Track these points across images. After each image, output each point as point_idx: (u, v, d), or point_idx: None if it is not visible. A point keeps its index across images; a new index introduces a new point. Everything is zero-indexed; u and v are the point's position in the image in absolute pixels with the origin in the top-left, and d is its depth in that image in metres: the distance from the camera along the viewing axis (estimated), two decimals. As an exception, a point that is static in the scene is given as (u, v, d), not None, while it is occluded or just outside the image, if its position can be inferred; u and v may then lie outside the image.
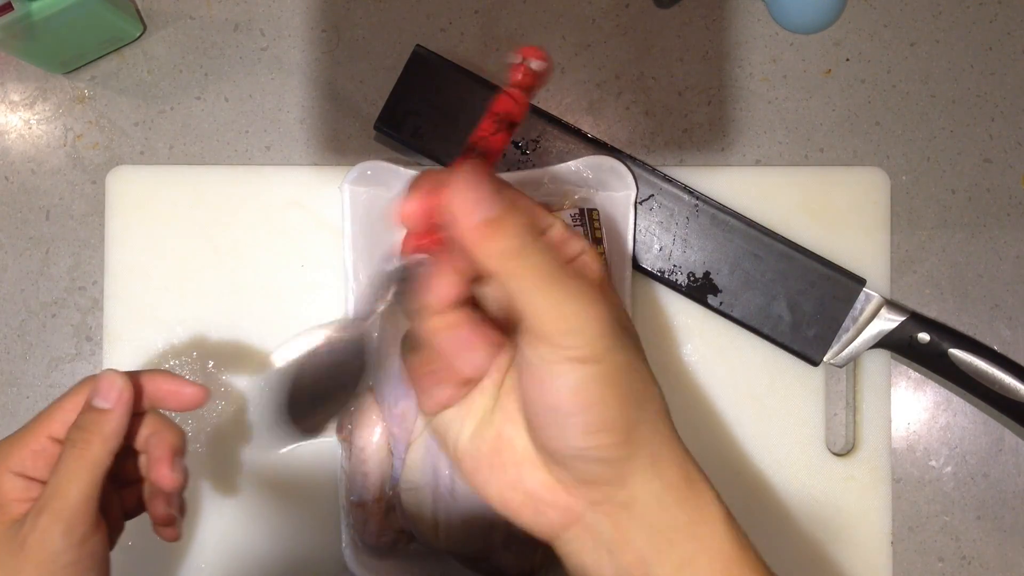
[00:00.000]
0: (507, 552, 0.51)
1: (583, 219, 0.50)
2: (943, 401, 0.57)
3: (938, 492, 0.57)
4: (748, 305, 0.54)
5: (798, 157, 0.58)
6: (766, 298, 0.54)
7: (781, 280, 0.54)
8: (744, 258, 0.54)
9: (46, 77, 0.60)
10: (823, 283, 0.54)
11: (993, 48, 0.58)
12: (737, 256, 0.54)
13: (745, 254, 0.54)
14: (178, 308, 0.57)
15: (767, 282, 0.54)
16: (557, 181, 0.54)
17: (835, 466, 0.55)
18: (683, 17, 0.58)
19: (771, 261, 0.54)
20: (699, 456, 0.55)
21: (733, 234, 0.54)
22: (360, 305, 0.36)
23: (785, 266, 0.54)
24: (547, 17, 0.59)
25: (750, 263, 0.54)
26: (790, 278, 0.54)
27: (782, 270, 0.54)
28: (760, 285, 0.54)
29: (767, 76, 0.58)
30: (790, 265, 0.54)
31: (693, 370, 0.56)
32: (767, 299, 0.54)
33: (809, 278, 0.54)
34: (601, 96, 0.58)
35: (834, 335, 0.54)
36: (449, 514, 0.51)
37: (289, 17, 0.59)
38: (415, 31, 0.59)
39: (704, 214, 0.54)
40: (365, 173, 0.54)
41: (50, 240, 0.59)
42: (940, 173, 0.57)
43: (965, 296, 0.57)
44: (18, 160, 0.60)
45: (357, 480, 0.53)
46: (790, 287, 0.54)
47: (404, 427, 0.52)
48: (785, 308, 0.54)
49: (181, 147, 0.59)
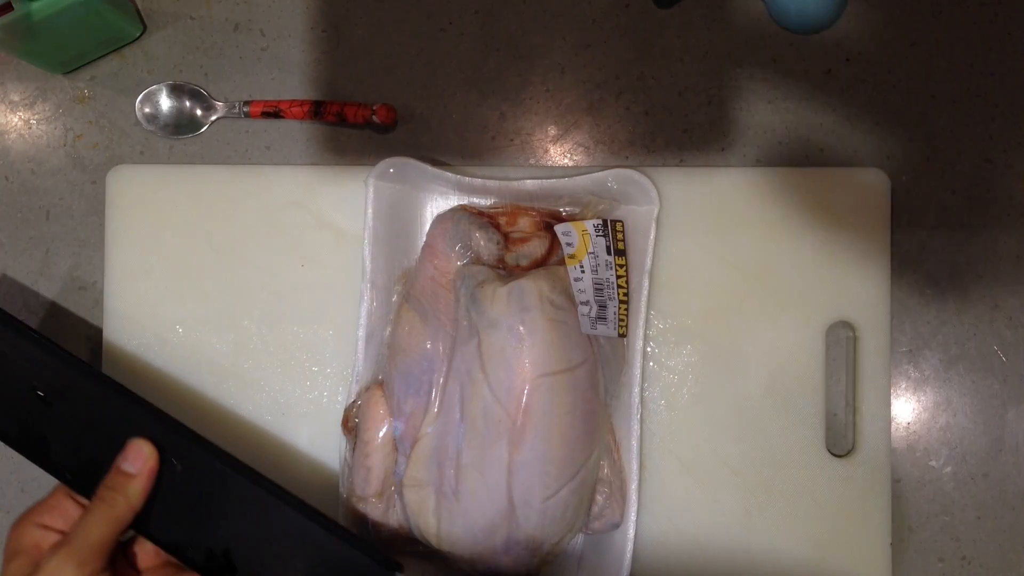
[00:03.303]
0: (506, 555, 0.51)
1: (606, 230, 0.50)
2: (943, 401, 0.57)
3: (938, 492, 0.57)
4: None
5: (798, 157, 0.58)
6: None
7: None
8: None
9: (46, 77, 0.60)
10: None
11: (993, 48, 0.58)
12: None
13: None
14: (178, 308, 0.57)
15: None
16: (580, 190, 0.54)
17: (835, 467, 0.55)
18: (683, 17, 0.58)
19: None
20: (699, 456, 0.56)
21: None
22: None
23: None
24: (547, 17, 0.59)
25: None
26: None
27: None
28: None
29: (767, 76, 0.58)
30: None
31: (694, 370, 0.56)
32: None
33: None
34: (601, 96, 0.58)
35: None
36: (451, 514, 0.51)
37: (289, 17, 0.59)
38: (415, 31, 0.59)
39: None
40: (387, 170, 0.54)
41: (50, 240, 0.59)
42: (940, 173, 0.57)
43: (965, 296, 0.57)
44: (18, 160, 0.60)
45: (360, 474, 0.53)
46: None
47: (411, 424, 0.52)
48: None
49: (181, 147, 0.59)
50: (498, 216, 0.55)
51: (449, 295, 0.53)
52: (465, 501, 0.50)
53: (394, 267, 0.55)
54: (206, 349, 0.57)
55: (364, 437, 0.53)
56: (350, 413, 0.54)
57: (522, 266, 0.53)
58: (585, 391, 0.51)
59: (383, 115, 0.56)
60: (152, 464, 0.46)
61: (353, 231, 0.56)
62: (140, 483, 0.46)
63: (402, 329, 0.53)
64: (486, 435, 0.50)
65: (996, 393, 0.57)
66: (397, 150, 0.58)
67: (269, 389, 0.57)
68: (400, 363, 0.53)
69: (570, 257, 0.51)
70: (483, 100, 0.59)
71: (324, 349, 0.57)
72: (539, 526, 0.50)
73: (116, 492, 0.45)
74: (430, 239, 0.55)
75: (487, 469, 0.50)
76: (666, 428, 0.56)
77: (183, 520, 0.46)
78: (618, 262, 0.51)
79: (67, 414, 0.48)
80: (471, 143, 0.59)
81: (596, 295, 0.51)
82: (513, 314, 0.50)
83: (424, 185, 0.56)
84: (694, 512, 0.55)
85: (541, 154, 0.59)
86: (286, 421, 0.57)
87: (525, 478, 0.49)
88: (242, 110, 0.58)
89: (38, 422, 0.49)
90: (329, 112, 0.57)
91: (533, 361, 0.49)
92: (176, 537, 0.47)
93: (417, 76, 0.59)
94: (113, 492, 0.45)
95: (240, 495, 0.46)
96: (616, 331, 0.52)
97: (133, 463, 0.46)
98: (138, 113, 0.59)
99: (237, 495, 0.46)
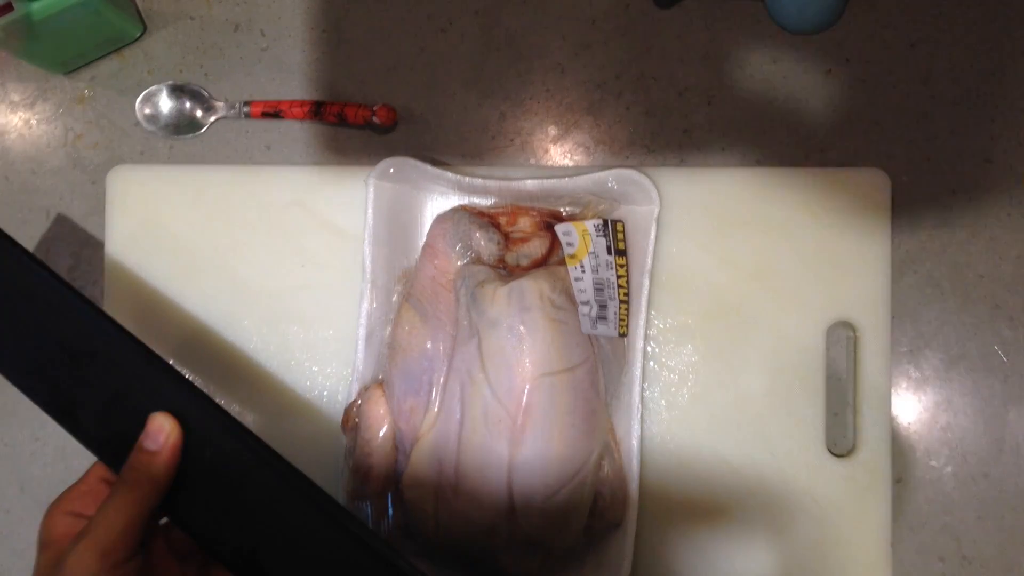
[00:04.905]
0: (507, 554, 0.51)
1: (607, 230, 0.50)
2: (943, 401, 0.57)
3: (939, 492, 0.57)
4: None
5: (799, 158, 0.58)
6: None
7: None
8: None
9: (46, 77, 0.60)
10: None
11: (994, 48, 0.58)
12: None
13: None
14: (178, 308, 0.57)
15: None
16: (581, 190, 0.54)
17: (835, 467, 0.55)
18: (683, 17, 0.58)
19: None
20: (699, 456, 0.56)
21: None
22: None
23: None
24: (547, 17, 0.59)
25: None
26: None
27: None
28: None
29: (767, 76, 0.58)
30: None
31: (694, 370, 0.56)
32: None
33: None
34: (601, 96, 0.58)
35: None
36: (451, 513, 0.51)
37: (289, 17, 0.59)
38: (415, 31, 0.59)
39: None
40: (388, 170, 0.54)
41: (50, 240, 0.59)
42: (941, 173, 0.57)
43: (966, 296, 0.57)
44: (18, 160, 0.60)
45: (360, 473, 0.53)
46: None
47: (412, 423, 0.52)
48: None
49: (181, 147, 0.59)
50: (498, 216, 0.55)
51: (449, 295, 0.53)
52: (465, 501, 0.50)
53: (394, 267, 0.55)
54: (206, 349, 0.57)
55: (364, 437, 0.53)
56: (350, 413, 0.54)
57: (522, 266, 0.53)
58: (585, 391, 0.51)
59: (383, 115, 0.56)
60: (175, 440, 0.42)
61: (353, 231, 0.56)
62: (163, 459, 0.42)
63: (402, 329, 0.53)
64: (486, 435, 0.49)
65: (997, 393, 0.57)
66: (397, 150, 0.58)
67: (269, 389, 0.57)
68: (400, 363, 0.53)
69: (570, 257, 0.51)
70: (483, 100, 0.59)
71: (324, 349, 0.57)
72: (539, 526, 0.50)
73: (139, 471, 0.42)
74: (430, 239, 0.55)
75: (487, 469, 0.50)
76: (666, 428, 0.56)
77: (211, 510, 0.43)
78: (618, 262, 0.51)
79: (98, 379, 0.44)
80: (471, 143, 0.59)
81: (596, 295, 0.51)
82: (513, 314, 0.50)
83: (424, 185, 0.56)
84: (694, 512, 0.55)
85: (541, 154, 0.59)
86: (286, 421, 0.57)
87: (525, 478, 0.49)
88: (242, 110, 0.58)
89: (68, 384, 0.45)
90: (329, 112, 0.57)
91: (533, 361, 0.49)
92: (203, 528, 0.43)
93: (417, 76, 0.59)
94: (136, 472, 0.42)
95: (271, 494, 0.42)
96: (616, 331, 0.52)
97: (155, 439, 0.42)
98: (138, 113, 0.59)
99: (268, 493, 0.42)
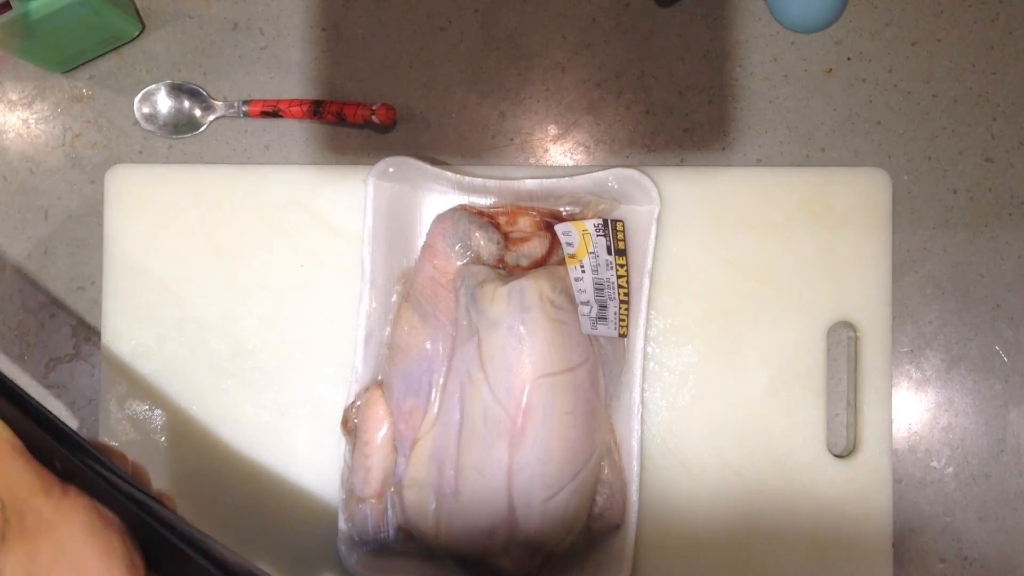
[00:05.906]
0: (506, 556, 0.51)
1: (607, 229, 0.50)
2: (944, 402, 0.57)
3: (939, 493, 0.57)
4: None
5: (799, 157, 0.57)
6: None
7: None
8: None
9: (44, 76, 0.60)
10: None
11: (995, 47, 0.57)
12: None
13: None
14: (178, 308, 0.57)
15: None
16: (581, 190, 0.54)
17: (836, 467, 0.55)
18: (684, 16, 0.58)
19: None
20: (700, 456, 0.56)
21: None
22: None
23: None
24: (547, 17, 0.58)
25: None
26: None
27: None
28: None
29: (768, 75, 0.58)
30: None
31: (694, 370, 0.56)
32: None
33: None
34: (601, 96, 0.58)
35: None
36: (450, 515, 0.50)
37: (289, 16, 0.59)
38: (414, 30, 0.59)
39: None
40: (387, 169, 0.54)
41: (49, 240, 0.59)
42: (942, 173, 0.57)
43: (967, 296, 0.57)
44: (16, 160, 0.60)
45: (359, 474, 0.53)
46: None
47: (411, 424, 0.52)
48: None
49: (180, 146, 0.59)
50: (498, 216, 0.55)
51: (449, 295, 0.53)
52: (465, 502, 0.50)
53: (394, 267, 0.55)
54: (205, 349, 0.57)
55: (364, 437, 0.53)
56: (350, 413, 0.54)
57: (522, 266, 0.53)
58: (585, 391, 0.51)
59: (382, 115, 0.56)
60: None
61: (352, 231, 0.56)
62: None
63: (402, 329, 0.53)
64: (486, 436, 0.49)
65: (998, 393, 0.57)
66: (397, 150, 0.58)
67: (269, 389, 0.57)
68: (400, 363, 0.53)
69: (570, 257, 0.51)
70: (483, 100, 0.58)
71: (324, 349, 0.57)
72: (539, 527, 0.50)
73: None
74: (430, 239, 0.55)
75: (487, 470, 0.49)
76: (666, 428, 0.55)
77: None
78: (619, 262, 0.51)
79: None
80: (471, 143, 0.58)
81: (596, 295, 0.51)
82: (513, 314, 0.49)
83: (424, 185, 0.56)
84: (694, 512, 0.55)
85: (541, 154, 0.58)
86: (286, 421, 0.57)
87: (525, 479, 0.49)
88: (241, 109, 0.58)
89: None
90: (328, 111, 0.57)
91: (533, 361, 0.49)
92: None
93: (417, 76, 0.59)
94: None
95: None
96: (616, 331, 0.52)
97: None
98: (137, 112, 0.59)
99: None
